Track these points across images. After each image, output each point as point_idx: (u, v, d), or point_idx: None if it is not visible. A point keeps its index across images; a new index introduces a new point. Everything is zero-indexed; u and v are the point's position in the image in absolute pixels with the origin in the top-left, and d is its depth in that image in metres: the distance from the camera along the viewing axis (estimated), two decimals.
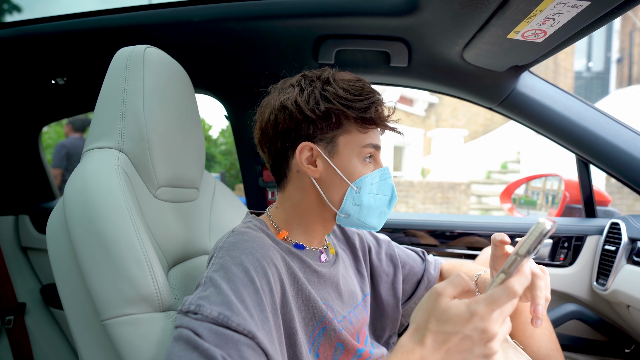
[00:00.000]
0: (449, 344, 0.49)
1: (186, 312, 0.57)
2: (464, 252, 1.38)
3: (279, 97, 0.74)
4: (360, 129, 0.73)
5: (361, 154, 0.74)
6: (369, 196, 0.74)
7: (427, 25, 1.09)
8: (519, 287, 0.48)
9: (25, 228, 1.59)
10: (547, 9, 0.78)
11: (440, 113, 11.62)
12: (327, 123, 0.71)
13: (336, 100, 0.70)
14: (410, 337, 0.52)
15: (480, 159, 9.28)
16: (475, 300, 0.49)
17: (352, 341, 0.74)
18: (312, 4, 1.15)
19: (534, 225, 0.48)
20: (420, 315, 0.52)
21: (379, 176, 0.75)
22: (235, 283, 0.59)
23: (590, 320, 1.22)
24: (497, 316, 0.48)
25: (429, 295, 0.52)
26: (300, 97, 0.71)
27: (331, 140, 0.72)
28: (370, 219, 0.76)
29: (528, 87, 1.22)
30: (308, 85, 0.73)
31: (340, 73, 0.75)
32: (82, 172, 0.72)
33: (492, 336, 0.48)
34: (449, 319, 0.49)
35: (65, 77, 1.38)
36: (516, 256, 0.49)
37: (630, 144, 1.19)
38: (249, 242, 0.67)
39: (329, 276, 0.78)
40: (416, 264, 0.99)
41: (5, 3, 9.79)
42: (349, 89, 0.72)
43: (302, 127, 0.72)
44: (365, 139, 0.73)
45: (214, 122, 14.46)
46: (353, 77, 0.75)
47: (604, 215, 1.37)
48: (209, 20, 1.20)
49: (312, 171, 0.73)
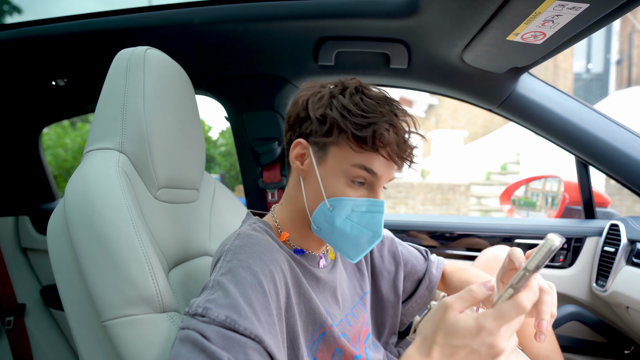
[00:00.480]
0: (456, 357, 0.49)
1: (193, 314, 0.57)
2: (463, 254, 1.38)
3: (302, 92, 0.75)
4: (354, 146, 0.68)
5: (349, 174, 0.69)
6: (346, 222, 0.69)
7: (426, 27, 1.09)
8: (528, 302, 0.48)
9: (26, 229, 1.59)
10: (546, 11, 0.79)
11: (439, 114, 11.62)
12: (322, 128, 0.70)
13: (337, 108, 0.69)
14: (418, 349, 0.52)
15: (479, 161, 9.28)
16: (483, 315, 0.49)
17: (350, 347, 0.74)
18: (312, 6, 1.15)
19: (543, 241, 0.48)
20: (428, 327, 0.52)
21: (366, 206, 0.70)
22: (243, 286, 0.59)
23: (590, 321, 1.22)
24: (504, 331, 0.48)
25: (438, 308, 0.52)
26: (314, 97, 0.72)
27: (323, 147, 0.71)
28: (344, 247, 0.72)
29: (527, 89, 1.22)
30: (330, 89, 0.73)
31: (368, 87, 0.72)
32: (83, 173, 0.72)
33: (499, 351, 0.48)
34: (456, 333, 0.49)
35: (65, 78, 1.39)
36: (525, 271, 0.49)
37: (629, 145, 1.19)
38: (257, 245, 0.67)
39: (328, 282, 0.78)
40: (418, 263, 0.99)
41: (6, 4, 9.80)
42: (358, 103, 0.68)
43: (304, 124, 0.73)
44: (356, 158, 0.68)
45: (214, 123, 14.46)
46: (376, 94, 0.71)
47: (603, 216, 1.37)
48: (209, 22, 1.21)
49: (298, 167, 0.73)
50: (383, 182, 0.72)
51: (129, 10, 1.26)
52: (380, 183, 0.71)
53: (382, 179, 0.71)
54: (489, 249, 1.12)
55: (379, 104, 0.69)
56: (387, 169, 0.71)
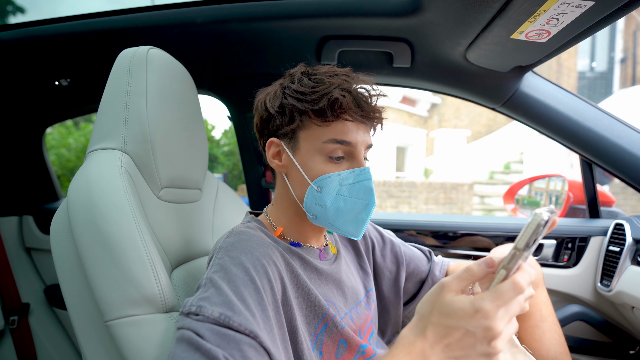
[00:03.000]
0: (450, 338, 0.48)
1: (187, 313, 0.57)
2: (467, 253, 1.37)
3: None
4: (319, 123, 0.69)
5: (323, 151, 0.70)
6: (337, 198, 0.69)
7: (430, 26, 1.08)
8: (524, 282, 0.48)
9: (29, 229, 1.60)
10: (551, 9, 0.78)
11: (442, 113, 11.60)
12: (284, 118, 0.72)
13: (291, 95, 0.71)
14: (412, 329, 0.52)
15: (483, 160, 9.26)
16: (480, 297, 0.48)
17: (355, 337, 0.74)
18: (315, 4, 1.15)
19: (530, 216, 0.46)
20: (424, 307, 0.52)
21: (352, 177, 0.70)
22: (235, 283, 0.59)
23: (594, 321, 1.21)
24: (502, 314, 0.47)
25: (435, 288, 0.52)
26: (268, 95, 0.74)
27: (292, 136, 0.72)
28: (344, 225, 0.72)
29: (532, 88, 1.21)
30: (280, 83, 0.75)
31: (317, 67, 0.74)
32: (86, 173, 0.72)
33: (496, 334, 0.47)
34: (451, 313, 0.48)
35: (68, 78, 1.39)
36: (515, 250, 0.48)
37: (634, 144, 1.18)
38: (248, 241, 0.67)
39: (331, 273, 0.78)
40: (421, 263, 0.98)
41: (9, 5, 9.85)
42: (308, 83, 0.70)
43: (269, 124, 0.74)
44: (326, 134, 0.69)
45: (217, 123, 14.52)
46: (324, 70, 0.73)
47: (607, 215, 1.36)
48: (212, 21, 1.20)
49: (277, 165, 0.75)
50: (361, 149, 0.72)
51: (132, 10, 1.26)
52: (358, 151, 0.71)
53: (359, 145, 0.71)
54: (496, 248, 1.10)
55: (327, 76, 0.71)
56: (359, 134, 0.71)
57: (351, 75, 0.73)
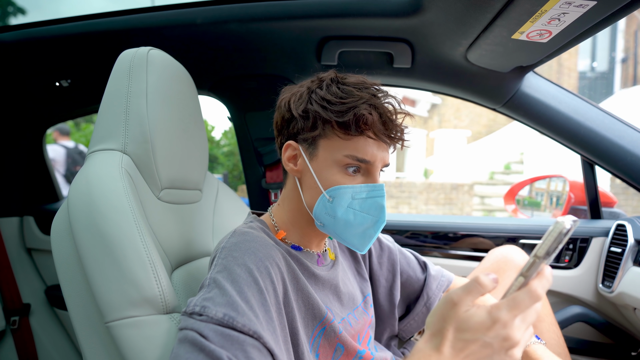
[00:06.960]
0: (467, 351, 0.48)
1: (191, 313, 0.57)
2: (467, 254, 1.37)
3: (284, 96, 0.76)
4: (341, 135, 0.68)
5: (341, 163, 0.69)
6: (348, 211, 0.69)
7: (430, 26, 1.08)
8: (542, 290, 0.47)
9: (30, 229, 1.60)
10: (553, 9, 0.78)
11: (443, 114, 11.59)
12: (307, 123, 0.71)
13: (317, 101, 0.69)
14: (427, 343, 0.51)
15: (483, 160, 9.25)
16: (496, 307, 0.47)
17: (352, 342, 0.74)
18: (315, 5, 1.15)
19: (552, 224, 0.46)
20: (436, 322, 0.51)
21: (366, 192, 0.70)
22: (239, 284, 0.59)
23: (596, 322, 1.21)
24: (519, 323, 0.47)
25: (445, 303, 0.50)
26: (294, 97, 0.73)
27: (312, 142, 0.71)
28: (350, 238, 0.71)
29: (532, 88, 1.21)
30: (307, 85, 0.74)
31: (346, 76, 0.73)
32: (86, 174, 0.72)
33: (514, 343, 0.47)
34: (469, 328, 0.48)
35: (69, 79, 1.39)
36: (535, 258, 0.47)
37: (635, 144, 1.18)
38: (251, 242, 0.67)
39: (328, 279, 0.77)
40: (415, 275, 0.95)
41: (10, 6, 9.87)
42: (336, 92, 0.69)
43: (290, 125, 0.73)
44: (347, 147, 0.68)
45: (217, 124, 14.53)
46: (355, 80, 0.71)
47: (609, 216, 1.36)
48: (212, 22, 1.20)
49: (292, 169, 0.74)
50: (379, 167, 0.71)
51: (132, 10, 1.26)
52: (375, 168, 0.71)
53: (377, 163, 0.70)
54: (496, 249, 1.10)
55: (356, 89, 0.69)
56: (379, 152, 0.70)
57: (380, 90, 0.71)
